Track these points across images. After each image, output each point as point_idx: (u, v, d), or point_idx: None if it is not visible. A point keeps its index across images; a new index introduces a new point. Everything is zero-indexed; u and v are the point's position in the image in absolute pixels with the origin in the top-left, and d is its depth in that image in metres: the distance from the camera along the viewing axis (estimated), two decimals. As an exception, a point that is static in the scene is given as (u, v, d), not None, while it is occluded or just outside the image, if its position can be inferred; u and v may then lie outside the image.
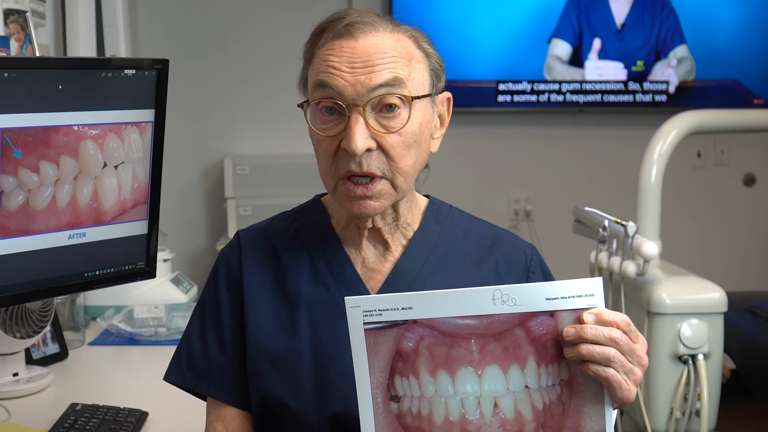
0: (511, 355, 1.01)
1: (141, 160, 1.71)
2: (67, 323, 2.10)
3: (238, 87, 3.73)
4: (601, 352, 0.98)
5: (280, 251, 1.25)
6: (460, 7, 3.71)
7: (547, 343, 1.01)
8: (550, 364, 1.01)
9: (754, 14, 3.83)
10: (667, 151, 2.53)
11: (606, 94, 3.76)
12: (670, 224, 3.04)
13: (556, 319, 1.00)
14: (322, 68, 1.13)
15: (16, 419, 1.66)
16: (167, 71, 1.69)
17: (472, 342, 1.01)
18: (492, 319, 1.00)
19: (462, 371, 1.02)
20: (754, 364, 2.70)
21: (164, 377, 1.30)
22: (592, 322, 0.98)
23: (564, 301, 0.99)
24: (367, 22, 1.14)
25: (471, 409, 1.02)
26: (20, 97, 1.49)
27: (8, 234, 1.53)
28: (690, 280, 2.45)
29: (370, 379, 1.04)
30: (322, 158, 1.17)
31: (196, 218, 3.82)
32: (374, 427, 1.04)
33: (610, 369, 0.99)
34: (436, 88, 1.20)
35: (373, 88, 1.11)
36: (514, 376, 1.01)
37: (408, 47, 1.15)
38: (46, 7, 2.40)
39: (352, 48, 1.12)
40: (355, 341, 1.03)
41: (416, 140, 1.15)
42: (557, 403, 1.02)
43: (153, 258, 1.80)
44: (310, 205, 1.31)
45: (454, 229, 1.27)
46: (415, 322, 1.02)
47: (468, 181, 3.87)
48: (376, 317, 1.02)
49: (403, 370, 1.03)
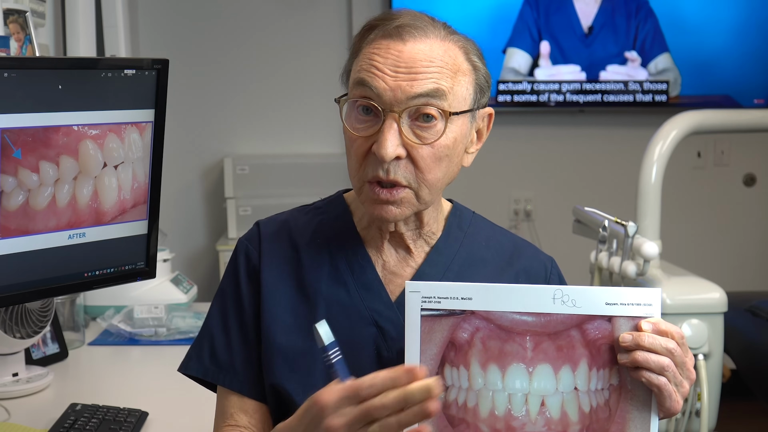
0: (564, 356, 1.02)
1: (141, 160, 1.71)
2: (67, 323, 2.10)
3: (238, 87, 3.73)
4: (657, 360, 1.00)
5: (300, 247, 1.23)
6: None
7: (602, 347, 1.02)
8: (602, 368, 1.03)
9: (752, 15, 3.73)
10: (667, 151, 2.53)
11: (606, 94, 3.75)
12: (670, 224, 3.04)
13: (613, 324, 1.01)
14: (365, 66, 1.10)
15: (16, 419, 1.66)
16: (167, 71, 1.69)
17: (527, 339, 1.02)
18: (550, 318, 1.02)
19: (513, 367, 1.03)
20: (754, 364, 2.70)
21: (181, 369, 1.26)
22: (650, 330, 1.00)
23: (623, 307, 1.01)
24: (418, 26, 1.11)
25: (518, 406, 1.03)
26: (20, 97, 1.49)
27: (8, 234, 1.53)
28: (690, 280, 2.45)
29: (419, 365, 1.04)
30: (352, 157, 1.14)
31: (196, 218, 3.82)
32: None
33: (663, 378, 1.00)
34: (479, 103, 1.16)
35: (413, 97, 1.08)
36: (564, 377, 1.02)
37: (456, 58, 1.12)
38: (46, 7, 2.40)
39: (398, 51, 1.09)
40: (410, 326, 1.04)
41: (448, 154, 1.13)
42: (604, 408, 1.03)
43: (153, 258, 1.80)
44: (332, 201, 1.28)
45: (477, 236, 1.26)
46: (473, 314, 1.03)
47: (468, 181, 3.87)
48: (434, 304, 1.04)
49: (454, 360, 1.04)
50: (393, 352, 1.17)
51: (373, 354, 1.17)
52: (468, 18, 3.68)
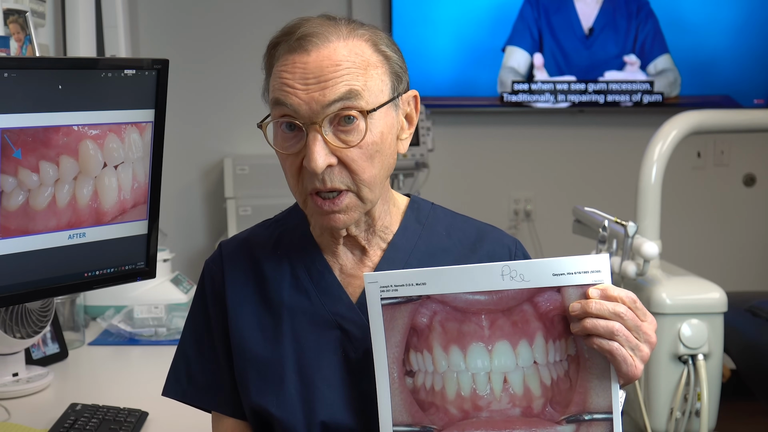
0: (520, 331, 1.03)
1: (141, 160, 1.71)
2: (67, 323, 2.10)
3: (238, 87, 3.73)
4: (605, 325, 0.99)
5: (262, 261, 1.24)
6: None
7: (555, 318, 1.02)
8: (558, 340, 1.03)
9: (752, 15, 3.72)
10: (667, 151, 2.53)
11: (606, 94, 3.75)
12: (670, 224, 3.04)
13: (563, 294, 1.01)
14: (277, 85, 1.11)
15: (16, 419, 1.66)
16: (167, 71, 1.69)
17: (482, 317, 1.03)
18: (501, 295, 1.02)
19: (473, 346, 1.04)
20: (754, 364, 2.70)
21: (163, 392, 1.30)
22: (597, 297, 1.00)
23: (570, 276, 1.01)
24: (318, 33, 1.10)
25: (481, 385, 1.04)
26: (20, 97, 1.49)
27: (8, 234, 1.53)
28: (690, 280, 2.45)
29: (387, 354, 1.06)
30: (288, 175, 1.15)
31: (196, 218, 3.82)
32: (390, 402, 1.06)
33: (614, 342, 1.00)
34: (398, 90, 1.15)
35: (328, 104, 1.08)
36: (522, 352, 1.03)
37: (364, 53, 1.11)
38: (46, 7, 2.40)
39: (304, 63, 1.09)
40: (373, 316, 1.06)
41: (378, 150, 1.12)
42: (565, 379, 1.03)
43: (153, 258, 1.80)
44: (290, 211, 1.29)
45: (436, 227, 1.26)
46: (429, 298, 1.04)
47: (468, 181, 3.87)
48: (392, 293, 1.05)
49: (417, 345, 1.05)
50: (359, 352, 1.18)
51: (340, 356, 1.18)
52: (468, 17, 3.68)
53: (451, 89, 3.68)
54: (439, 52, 3.69)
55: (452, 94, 3.68)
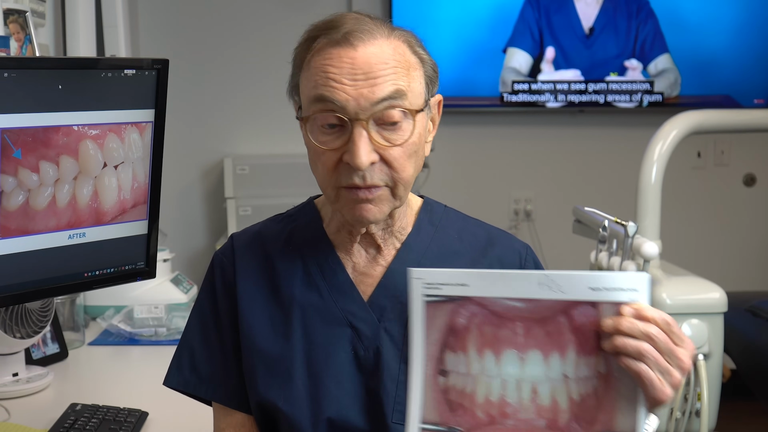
0: (553, 342, 1.01)
1: (141, 160, 1.71)
2: (67, 323, 2.10)
3: (238, 87, 3.73)
4: (635, 345, 0.97)
5: (274, 256, 1.24)
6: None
7: (588, 333, 1.00)
8: (589, 355, 1.01)
9: (752, 15, 3.71)
10: (667, 151, 2.53)
11: (606, 94, 3.75)
12: (670, 224, 3.04)
13: (598, 310, 0.99)
14: (321, 81, 1.09)
15: (16, 419, 1.66)
16: (167, 71, 1.69)
17: (518, 324, 1.02)
18: (537, 304, 1.01)
19: (506, 353, 1.03)
20: (754, 364, 2.70)
21: (164, 382, 1.28)
22: (631, 315, 0.97)
23: (607, 292, 0.99)
24: (365, 29, 1.10)
25: (511, 392, 1.03)
26: (20, 97, 1.49)
27: (8, 234, 1.53)
28: (690, 280, 2.45)
29: (424, 350, 1.05)
30: (321, 169, 1.14)
31: (196, 218, 3.82)
32: (422, 398, 1.06)
33: (642, 364, 0.97)
34: (432, 92, 1.17)
35: (376, 102, 1.08)
36: (553, 363, 1.02)
37: (405, 54, 1.12)
38: (46, 7, 2.40)
39: (351, 58, 1.08)
40: (415, 312, 1.05)
41: (416, 150, 1.14)
42: (592, 396, 1.01)
43: (153, 258, 1.80)
44: (303, 207, 1.29)
45: (448, 230, 1.26)
46: (469, 299, 1.03)
47: (468, 181, 3.87)
48: (435, 290, 1.04)
49: (453, 345, 1.05)
50: (369, 351, 1.18)
51: (350, 354, 1.19)
52: (468, 18, 3.68)
53: (452, 89, 3.68)
54: (440, 52, 3.68)
55: (453, 94, 3.68)
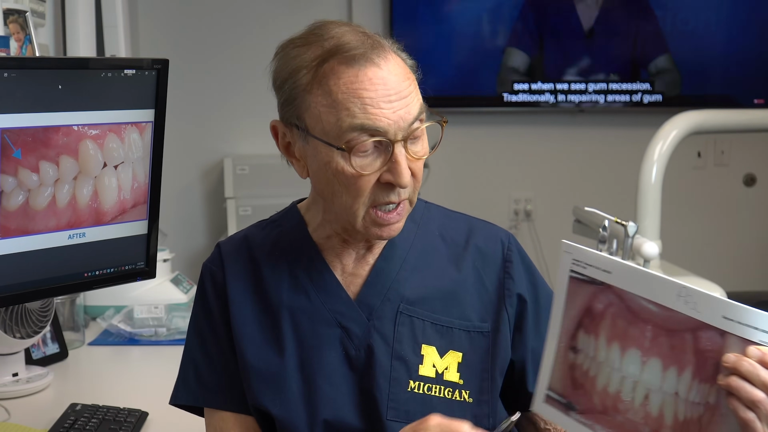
0: (674, 356, 0.99)
1: (141, 160, 1.71)
2: (67, 323, 2.09)
3: (238, 87, 3.73)
4: (749, 391, 0.91)
5: (261, 262, 1.24)
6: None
7: (709, 360, 0.96)
8: (704, 382, 0.97)
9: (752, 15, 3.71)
10: (667, 151, 2.53)
11: (606, 94, 3.75)
12: (670, 224, 3.04)
13: (725, 340, 0.95)
14: (358, 109, 1.06)
15: (15, 419, 1.66)
16: (167, 71, 1.69)
17: (648, 327, 1.01)
18: (670, 314, 0.99)
19: (631, 351, 1.02)
20: (754, 364, 2.70)
21: (171, 401, 1.28)
22: (755, 358, 0.91)
23: (740, 326, 0.93)
24: (374, 44, 1.09)
25: (627, 390, 1.03)
26: (20, 97, 1.49)
27: (8, 234, 1.53)
28: (690, 280, 2.44)
29: (562, 321, 1.08)
30: (354, 192, 1.11)
31: (196, 218, 3.82)
32: (551, 368, 1.09)
33: (751, 413, 0.91)
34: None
35: (411, 122, 1.09)
36: (669, 377, 0.99)
37: (405, 61, 1.13)
38: (46, 7, 2.40)
39: (381, 79, 1.07)
40: (560, 284, 1.07)
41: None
42: (696, 423, 0.98)
43: (153, 258, 1.80)
44: (287, 213, 1.29)
45: (430, 226, 1.26)
46: (610, 288, 1.04)
47: (468, 181, 3.87)
48: (581, 269, 1.06)
49: (588, 327, 1.06)
50: (360, 350, 1.18)
51: (341, 354, 1.19)
52: (468, 18, 3.68)
53: (451, 89, 3.68)
54: (440, 52, 3.69)
55: (452, 94, 3.68)
